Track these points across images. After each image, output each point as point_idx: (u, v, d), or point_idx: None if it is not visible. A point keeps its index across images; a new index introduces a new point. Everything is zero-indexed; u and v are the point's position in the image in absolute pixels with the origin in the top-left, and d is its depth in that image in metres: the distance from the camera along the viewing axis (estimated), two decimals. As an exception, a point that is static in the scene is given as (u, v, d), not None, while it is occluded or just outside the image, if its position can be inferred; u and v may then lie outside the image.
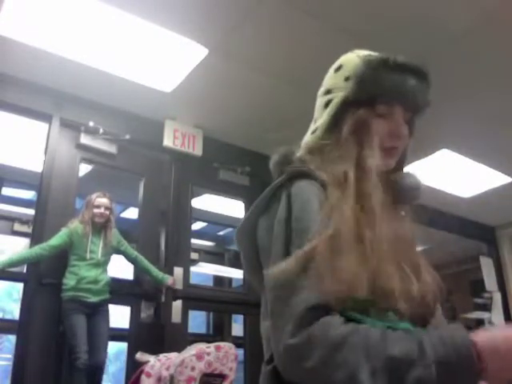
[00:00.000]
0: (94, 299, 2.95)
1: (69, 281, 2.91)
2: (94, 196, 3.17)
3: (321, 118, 1.00)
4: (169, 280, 3.27)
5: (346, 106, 0.96)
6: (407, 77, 0.95)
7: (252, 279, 0.97)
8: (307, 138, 1.02)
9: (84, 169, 4.11)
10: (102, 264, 3.09)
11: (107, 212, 3.12)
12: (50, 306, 2.93)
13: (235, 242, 0.98)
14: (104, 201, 3.15)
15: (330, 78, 1.03)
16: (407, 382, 0.66)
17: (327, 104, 0.99)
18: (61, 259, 2.97)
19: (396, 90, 0.95)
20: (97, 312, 2.98)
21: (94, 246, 3.05)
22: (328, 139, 0.96)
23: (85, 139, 3.33)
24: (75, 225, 3.03)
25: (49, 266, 2.96)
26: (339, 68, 1.02)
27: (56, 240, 2.92)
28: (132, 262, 3.33)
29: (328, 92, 1.01)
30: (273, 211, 0.88)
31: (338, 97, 0.97)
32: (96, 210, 3.08)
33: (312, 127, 1.03)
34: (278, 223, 0.84)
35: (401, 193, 0.98)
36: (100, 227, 3.12)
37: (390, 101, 0.95)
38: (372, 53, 1.01)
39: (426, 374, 0.66)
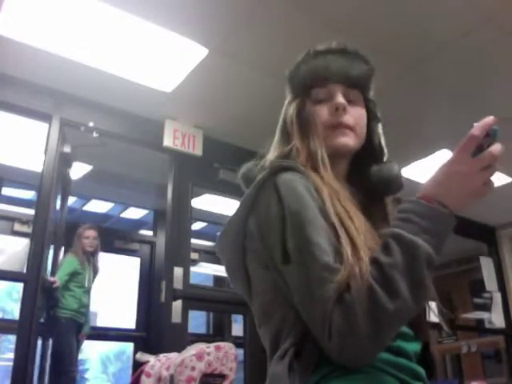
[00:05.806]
0: (82, 321, 3.50)
1: (70, 303, 3.36)
2: (81, 229, 3.63)
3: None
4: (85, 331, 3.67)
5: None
6: (328, 57, 1.00)
7: (239, 290, 0.93)
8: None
9: (84, 169, 4.12)
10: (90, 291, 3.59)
11: (95, 241, 3.54)
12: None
13: (217, 251, 0.94)
14: (92, 232, 3.59)
15: None
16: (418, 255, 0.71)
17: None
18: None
19: (317, 70, 0.99)
20: (79, 331, 3.47)
21: (88, 274, 3.49)
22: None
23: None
24: (71, 256, 3.45)
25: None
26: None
27: (66, 271, 3.36)
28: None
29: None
30: (261, 208, 0.85)
31: (283, 109, 1.03)
32: (85, 241, 3.50)
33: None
34: (276, 220, 0.80)
35: (381, 185, 0.96)
36: (88, 257, 3.54)
37: (321, 83, 0.98)
38: None
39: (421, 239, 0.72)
